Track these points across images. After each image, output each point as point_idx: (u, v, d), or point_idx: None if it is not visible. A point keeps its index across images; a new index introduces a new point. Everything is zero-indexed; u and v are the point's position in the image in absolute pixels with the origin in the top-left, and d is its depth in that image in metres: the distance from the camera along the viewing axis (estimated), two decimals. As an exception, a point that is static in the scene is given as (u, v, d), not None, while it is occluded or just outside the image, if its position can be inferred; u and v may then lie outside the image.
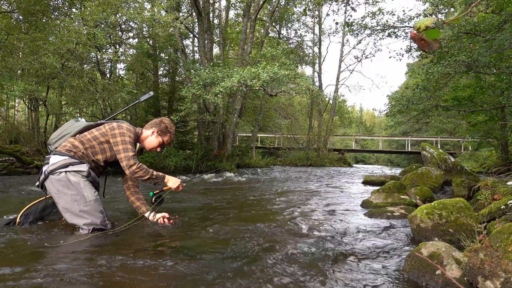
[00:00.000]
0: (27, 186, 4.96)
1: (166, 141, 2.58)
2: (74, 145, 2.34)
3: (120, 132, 2.37)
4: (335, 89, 22.48)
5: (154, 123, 2.59)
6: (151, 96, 2.75)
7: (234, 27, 17.26)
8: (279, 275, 1.57)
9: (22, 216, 2.32)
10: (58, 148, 2.34)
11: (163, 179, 2.48)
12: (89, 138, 2.38)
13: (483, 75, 9.08)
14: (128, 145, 2.35)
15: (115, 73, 12.04)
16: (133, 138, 2.43)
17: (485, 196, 2.99)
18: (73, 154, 2.30)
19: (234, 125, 11.91)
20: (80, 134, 2.43)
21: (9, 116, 14.00)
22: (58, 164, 2.24)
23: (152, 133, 2.56)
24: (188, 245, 2.03)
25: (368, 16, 11.60)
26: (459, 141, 20.36)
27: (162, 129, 2.55)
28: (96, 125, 2.49)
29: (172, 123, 2.67)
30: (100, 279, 1.45)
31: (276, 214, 3.18)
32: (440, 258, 1.59)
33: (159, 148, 2.59)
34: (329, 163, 19.56)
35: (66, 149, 2.31)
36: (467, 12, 0.93)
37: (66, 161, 2.26)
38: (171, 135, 2.60)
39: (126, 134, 2.37)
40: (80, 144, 2.34)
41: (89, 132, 2.41)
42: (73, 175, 2.24)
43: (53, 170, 2.23)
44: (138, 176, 2.34)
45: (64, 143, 2.36)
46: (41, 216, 2.43)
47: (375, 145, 32.41)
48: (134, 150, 2.37)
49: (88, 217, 2.19)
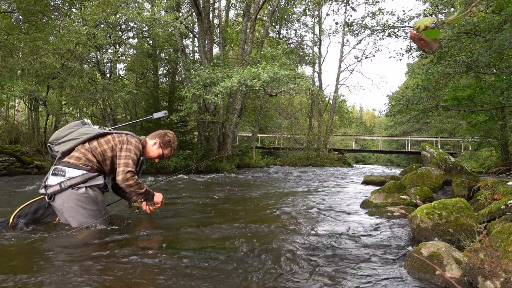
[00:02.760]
0: (27, 186, 4.96)
1: (166, 154, 2.61)
2: (88, 158, 2.33)
3: (127, 148, 2.38)
4: (335, 89, 22.48)
5: (159, 134, 2.61)
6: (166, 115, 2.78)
7: (234, 27, 17.26)
8: (279, 275, 1.57)
9: (15, 218, 2.28)
10: (71, 160, 2.30)
11: (152, 196, 2.53)
12: (100, 152, 2.37)
13: (483, 75, 9.07)
14: (130, 161, 2.35)
15: (115, 73, 12.04)
16: (139, 156, 2.44)
17: (485, 196, 2.99)
18: (90, 168, 2.31)
19: (234, 125, 11.91)
20: (89, 142, 2.39)
21: (9, 116, 14.00)
22: (78, 179, 2.25)
23: (154, 143, 2.58)
24: (188, 245, 2.03)
25: (368, 16, 11.60)
26: (459, 141, 20.35)
27: (165, 142, 2.58)
28: (105, 135, 2.43)
29: (175, 137, 2.69)
30: (99, 279, 1.45)
31: (276, 214, 3.17)
32: (440, 258, 1.59)
33: (157, 159, 2.62)
34: (329, 163, 19.55)
35: (82, 162, 2.30)
36: (467, 12, 0.93)
37: (85, 176, 2.27)
38: (172, 149, 2.63)
39: (132, 151, 2.38)
40: (93, 157, 2.34)
41: (99, 144, 2.38)
42: (93, 189, 2.30)
43: (73, 185, 2.23)
44: (133, 189, 2.36)
45: (78, 155, 2.32)
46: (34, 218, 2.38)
47: (375, 145, 32.41)
48: (134, 167, 2.37)
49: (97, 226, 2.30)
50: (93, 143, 2.37)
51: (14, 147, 8.66)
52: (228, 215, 3.08)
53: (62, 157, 2.39)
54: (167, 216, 2.92)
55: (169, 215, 2.98)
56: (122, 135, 2.43)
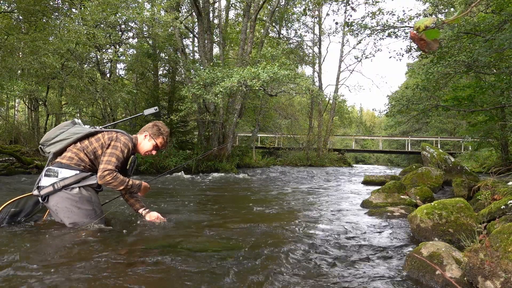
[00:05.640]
0: (27, 186, 4.96)
1: (160, 143, 2.54)
2: (81, 158, 2.31)
3: (114, 145, 2.35)
4: (335, 89, 22.47)
5: (147, 127, 2.57)
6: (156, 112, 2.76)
7: (234, 27, 17.25)
8: (279, 275, 1.57)
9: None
10: (64, 161, 2.28)
11: (139, 188, 2.44)
12: (91, 150, 2.34)
13: (483, 75, 9.07)
14: (113, 158, 2.30)
15: (115, 73, 12.05)
16: (126, 153, 2.39)
17: (485, 196, 2.99)
18: (83, 168, 2.30)
19: (234, 125, 11.91)
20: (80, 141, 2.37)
21: (9, 116, 14.00)
22: (71, 179, 2.24)
23: (145, 136, 2.53)
24: (188, 245, 2.03)
25: (368, 16, 11.58)
26: (459, 141, 20.32)
27: (154, 132, 2.52)
28: (95, 133, 2.41)
29: (165, 125, 2.63)
30: (94, 280, 1.45)
31: (276, 214, 3.17)
32: (440, 258, 1.58)
33: (154, 151, 2.55)
34: (329, 163, 19.55)
35: (75, 162, 2.29)
36: (467, 12, 0.93)
37: (78, 176, 2.26)
38: (164, 136, 2.55)
39: (119, 148, 2.34)
40: (85, 157, 2.32)
41: (90, 143, 2.35)
42: (86, 189, 2.29)
43: (66, 186, 2.23)
44: (112, 186, 2.29)
45: (70, 155, 2.30)
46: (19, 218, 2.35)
47: (375, 145, 32.40)
48: (116, 165, 2.32)
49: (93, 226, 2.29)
50: (84, 142, 2.36)
51: (14, 147, 8.66)
52: (227, 215, 3.08)
53: (54, 158, 2.36)
54: (165, 215, 2.92)
55: (167, 214, 2.98)
56: (112, 133, 2.41)
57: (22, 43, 8.74)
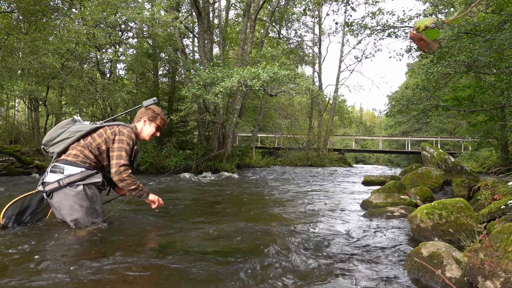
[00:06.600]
0: (27, 186, 4.96)
1: (160, 123, 2.61)
2: (86, 155, 2.31)
3: (119, 138, 2.35)
4: (335, 89, 22.48)
5: (141, 113, 2.60)
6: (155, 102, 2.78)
7: (234, 27, 17.25)
8: (278, 275, 1.57)
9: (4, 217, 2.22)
10: (69, 158, 2.28)
11: (147, 195, 2.43)
12: (95, 146, 2.35)
13: (483, 75, 9.07)
14: (123, 152, 2.32)
15: (115, 73, 12.05)
16: (132, 146, 2.41)
17: (485, 196, 2.99)
18: (88, 165, 2.31)
19: (234, 125, 11.90)
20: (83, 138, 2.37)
21: (9, 116, 14.00)
22: (77, 176, 2.25)
23: (144, 122, 2.57)
24: (187, 244, 2.03)
25: (368, 16, 11.58)
26: (459, 141, 20.32)
27: (151, 115, 2.57)
28: (97, 129, 2.41)
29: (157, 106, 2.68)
30: (94, 278, 1.45)
31: (276, 214, 3.17)
32: (440, 258, 1.58)
33: (158, 132, 2.62)
34: (329, 163, 19.56)
35: (80, 160, 2.29)
36: (467, 12, 0.93)
37: (84, 173, 2.27)
38: (161, 116, 2.61)
39: (125, 141, 2.35)
40: (90, 153, 2.33)
41: (93, 139, 2.36)
42: (90, 187, 2.29)
43: (71, 183, 2.23)
44: (125, 184, 2.30)
45: (75, 152, 2.30)
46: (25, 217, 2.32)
47: (375, 145, 32.41)
48: (127, 159, 2.35)
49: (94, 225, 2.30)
50: (87, 139, 2.37)
51: (14, 147, 8.66)
52: (227, 215, 3.08)
53: (58, 156, 2.36)
54: (165, 215, 2.92)
55: (167, 214, 2.98)
56: (113, 127, 2.42)
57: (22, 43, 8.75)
